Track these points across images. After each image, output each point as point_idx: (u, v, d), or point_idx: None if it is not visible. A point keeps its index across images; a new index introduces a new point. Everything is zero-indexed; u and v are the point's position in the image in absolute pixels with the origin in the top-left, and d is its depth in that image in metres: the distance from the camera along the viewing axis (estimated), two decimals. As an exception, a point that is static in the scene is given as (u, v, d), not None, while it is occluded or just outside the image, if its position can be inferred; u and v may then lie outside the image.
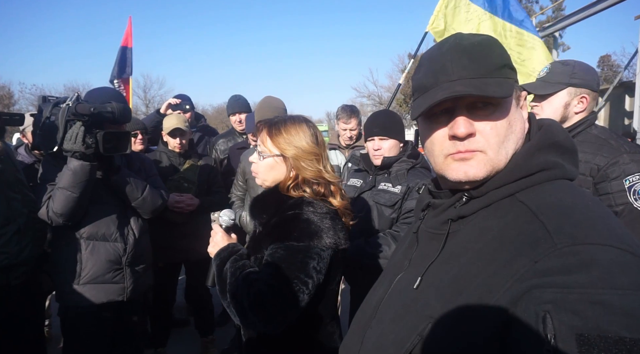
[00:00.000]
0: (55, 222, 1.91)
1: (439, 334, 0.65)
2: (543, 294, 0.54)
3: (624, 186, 1.50)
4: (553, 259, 0.56)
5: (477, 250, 0.66)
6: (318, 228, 1.23)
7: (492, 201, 0.71)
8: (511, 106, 0.73)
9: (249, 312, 1.17)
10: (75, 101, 1.79)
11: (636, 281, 0.52)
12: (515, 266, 0.59)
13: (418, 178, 2.03)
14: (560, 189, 0.68)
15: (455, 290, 0.66)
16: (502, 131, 0.71)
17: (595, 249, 0.55)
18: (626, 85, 11.89)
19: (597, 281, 0.52)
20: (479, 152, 0.71)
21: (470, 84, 0.69)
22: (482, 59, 0.71)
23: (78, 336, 2.04)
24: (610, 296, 0.51)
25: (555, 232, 0.58)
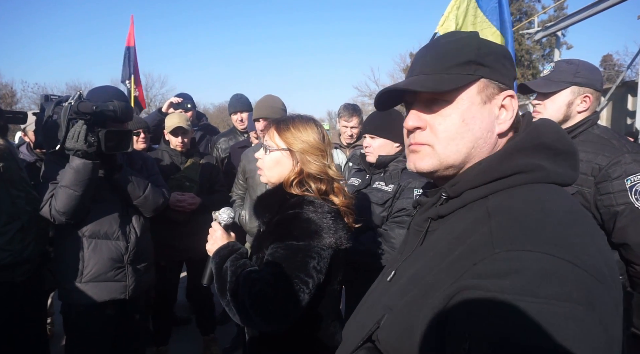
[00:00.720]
0: (58, 221, 1.92)
1: (391, 324, 0.69)
2: (470, 295, 0.55)
3: (625, 186, 1.50)
4: (488, 263, 0.57)
5: (439, 248, 0.68)
6: (318, 227, 1.23)
7: (467, 201, 0.71)
8: (470, 103, 0.72)
9: (251, 311, 1.17)
10: (78, 99, 1.79)
11: (561, 292, 0.51)
12: (457, 267, 0.61)
13: (411, 178, 2.03)
14: (530, 193, 0.65)
15: (412, 284, 0.69)
16: (452, 126, 0.72)
17: (528, 256, 0.54)
18: (629, 84, 11.84)
19: (520, 287, 0.52)
20: (427, 145, 0.74)
21: (416, 80, 0.73)
22: (445, 56, 0.73)
23: (80, 334, 2.04)
24: (528, 304, 0.50)
25: (497, 237, 0.59)
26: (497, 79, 0.73)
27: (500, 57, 0.74)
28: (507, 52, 0.76)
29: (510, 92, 0.73)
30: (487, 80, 0.72)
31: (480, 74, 0.72)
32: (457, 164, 0.73)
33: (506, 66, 0.74)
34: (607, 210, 1.53)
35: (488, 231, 0.61)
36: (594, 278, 0.53)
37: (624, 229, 1.49)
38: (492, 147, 0.74)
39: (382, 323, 0.70)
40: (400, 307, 0.68)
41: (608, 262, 0.57)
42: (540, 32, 13.17)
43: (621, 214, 1.49)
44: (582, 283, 0.52)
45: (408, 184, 2.01)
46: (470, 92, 0.72)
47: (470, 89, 0.72)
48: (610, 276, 0.56)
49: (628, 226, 1.48)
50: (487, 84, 0.72)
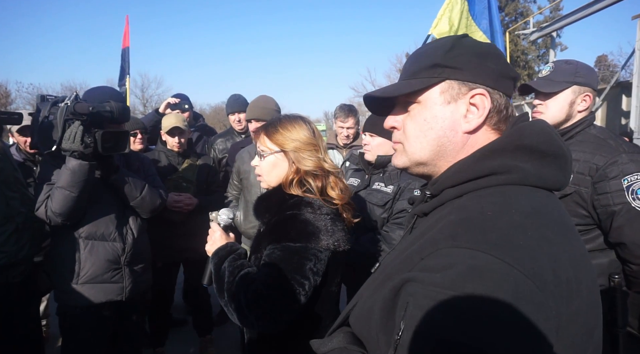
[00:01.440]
0: (54, 222, 1.90)
1: (359, 309, 0.74)
2: (409, 287, 0.58)
3: (622, 186, 1.51)
4: (431, 258, 0.60)
5: (408, 243, 0.72)
6: (316, 229, 1.23)
7: (445, 200, 0.73)
8: (432, 104, 0.75)
9: (247, 311, 1.18)
10: (74, 100, 1.78)
11: (487, 290, 0.51)
12: (411, 260, 0.64)
13: (411, 178, 2.02)
14: (497, 194, 0.65)
15: (379, 274, 0.75)
16: (416, 125, 0.77)
17: (464, 253, 0.56)
18: (623, 85, 11.92)
19: (448, 282, 0.53)
20: (399, 143, 0.81)
21: (391, 85, 0.80)
22: (417, 61, 0.78)
23: (77, 336, 2.03)
24: (452, 298, 0.52)
25: (445, 234, 0.61)
26: (466, 78, 0.73)
27: (477, 56, 0.74)
28: (489, 50, 0.76)
29: (479, 91, 0.73)
30: (452, 81, 0.74)
31: (445, 76, 0.74)
32: (424, 161, 0.78)
33: (484, 65, 0.74)
34: (604, 210, 1.54)
35: (440, 229, 0.64)
36: (530, 280, 0.52)
37: (620, 228, 1.50)
38: (462, 146, 0.75)
39: (353, 309, 0.76)
40: (367, 295, 0.73)
41: (559, 271, 0.56)
42: (535, 33, 13.25)
43: (618, 214, 1.50)
44: (513, 283, 0.52)
45: (408, 184, 2.01)
46: (433, 93, 0.75)
47: (433, 90, 0.75)
48: (556, 284, 0.55)
49: (624, 226, 1.49)
50: (452, 85, 0.74)
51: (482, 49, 0.76)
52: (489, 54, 0.75)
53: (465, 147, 0.74)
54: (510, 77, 0.76)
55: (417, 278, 0.58)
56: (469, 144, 0.74)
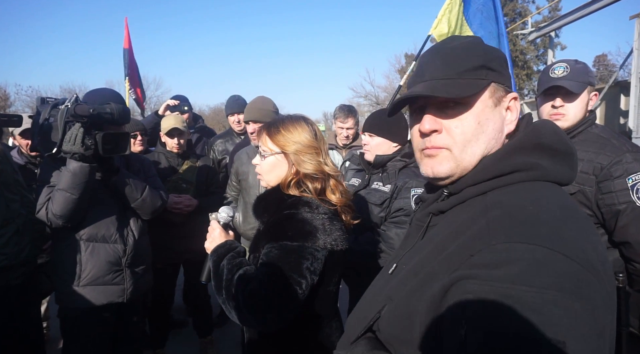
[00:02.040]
0: (55, 224, 1.90)
1: (391, 313, 0.72)
2: (467, 285, 0.58)
3: (627, 185, 1.51)
4: (484, 254, 0.59)
5: (438, 241, 0.71)
6: (313, 228, 1.24)
7: (467, 197, 0.73)
8: (484, 106, 0.74)
9: (244, 310, 1.18)
10: (74, 102, 1.78)
11: (553, 283, 0.53)
12: (455, 258, 0.63)
13: (408, 177, 2.03)
14: (528, 190, 0.68)
15: (411, 275, 0.72)
16: (468, 129, 0.73)
17: (523, 247, 0.57)
18: (621, 84, 11.95)
19: (513, 277, 0.54)
20: (444, 149, 0.75)
21: (429, 85, 0.74)
22: (455, 61, 0.75)
23: (77, 338, 2.02)
24: (520, 292, 0.53)
25: (494, 230, 0.62)
26: (503, 82, 0.76)
27: (502, 61, 0.77)
28: (505, 56, 0.79)
29: (515, 95, 0.77)
30: (496, 84, 0.75)
31: (491, 79, 0.75)
32: (471, 167, 0.75)
33: (507, 70, 0.78)
34: (608, 209, 1.54)
35: (485, 224, 0.64)
36: (586, 271, 0.55)
37: (625, 227, 1.50)
38: (500, 147, 0.77)
39: (382, 312, 0.73)
40: (401, 297, 0.71)
41: (601, 258, 0.59)
42: (534, 33, 13.28)
43: (623, 213, 1.50)
44: (575, 275, 0.54)
45: (405, 184, 2.01)
46: (484, 95, 0.74)
47: (484, 93, 0.75)
48: (603, 270, 0.58)
49: (629, 225, 1.49)
50: (497, 88, 0.76)
51: (503, 55, 0.79)
52: (505, 59, 0.78)
53: (500, 148, 0.76)
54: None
55: (474, 275, 0.58)
56: (503, 146, 0.77)
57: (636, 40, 10.05)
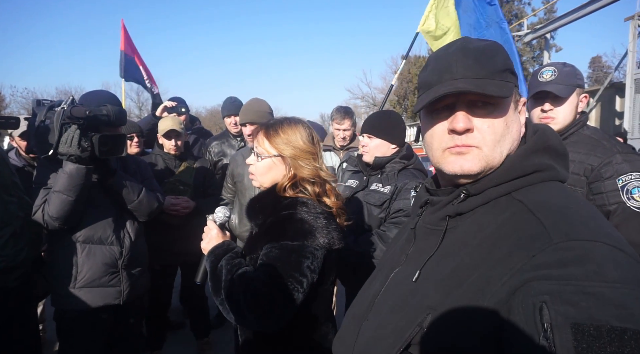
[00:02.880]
0: (51, 226, 1.90)
1: (439, 324, 0.67)
2: (540, 286, 0.57)
3: (617, 186, 1.52)
4: (549, 253, 0.59)
5: (476, 245, 0.70)
6: (312, 227, 1.24)
7: (490, 198, 0.74)
8: (509, 108, 0.77)
9: (246, 311, 1.18)
10: (70, 104, 1.78)
11: (626, 276, 0.55)
12: (513, 260, 0.62)
13: (408, 179, 2.04)
14: (553, 189, 0.73)
15: (455, 282, 0.68)
16: (498, 130, 0.75)
17: (589, 245, 0.59)
18: (617, 86, 12.04)
19: (591, 274, 0.55)
20: (475, 147, 0.75)
21: (472, 82, 0.73)
22: (486, 62, 0.75)
23: (74, 340, 2.02)
24: (602, 289, 0.54)
25: (552, 228, 0.62)
26: (517, 85, 0.79)
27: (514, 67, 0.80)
28: None
29: (525, 99, 0.81)
30: (516, 88, 0.78)
31: (514, 82, 0.77)
32: (495, 165, 0.76)
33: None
34: (599, 209, 1.55)
35: (537, 224, 0.64)
36: (637, 262, 0.59)
37: (616, 228, 1.52)
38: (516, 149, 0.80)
39: (424, 324, 0.69)
40: (447, 306, 0.67)
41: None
42: (529, 35, 13.35)
43: (613, 214, 1.52)
44: (635, 267, 0.58)
45: (405, 185, 2.02)
46: (510, 98, 0.77)
47: (512, 96, 0.77)
48: None
49: (620, 225, 1.51)
50: (516, 92, 0.79)
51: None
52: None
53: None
54: None
55: (544, 275, 0.57)
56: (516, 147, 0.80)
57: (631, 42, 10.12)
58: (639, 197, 1.50)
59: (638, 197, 1.50)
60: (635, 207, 1.50)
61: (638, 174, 1.52)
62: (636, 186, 1.51)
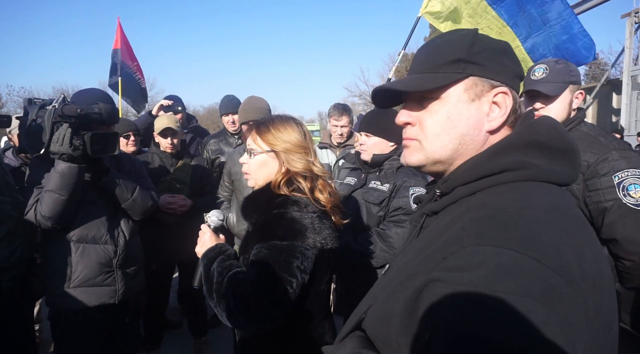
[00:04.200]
0: (44, 226, 1.88)
1: (374, 312, 0.72)
2: (435, 287, 0.57)
3: (613, 182, 1.52)
4: (456, 257, 0.58)
5: (424, 242, 0.70)
6: (302, 227, 1.24)
7: (458, 197, 0.72)
8: (455, 100, 0.73)
9: (235, 312, 1.18)
10: (62, 102, 1.76)
11: (518, 287, 0.51)
12: (432, 260, 0.63)
13: (406, 177, 2.03)
14: (516, 191, 0.66)
15: (396, 275, 0.72)
16: (437, 123, 0.74)
17: (491, 250, 0.55)
18: (613, 83, 12.08)
19: (479, 280, 0.53)
20: (415, 140, 0.77)
21: (408, 78, 0.77)
22: (436, 54, 0.75)
23: (69, 340, 2.01)
24: (485, 297, 0.51)
25: (468, 232, 0.60)
26: (489, 76, 0.73)
27: (496, 54, 0.74)
28: (506, 48, 0.75)
29: (503, 89, 0.73)
30: (476, 78, 0.73)
31: (469, 72, 0.72)
32: (444, 160, 0.75)
33: (503, 63, 0.73)
34: (595, 206, 1.55)
35: (461, 226, 0.62)
36: (559, 276, 0.52)
37: (612, 224, 1.51)
38: (482, 145, 0.74)
39: (368, 312, 0.74)
40: (384, 297, 0.71)
41: (584, 263, 0.56)
42: (527, 32, 13.30)
43: (609, 210, 1.51)
44: (543, 280, 0.52)
45: (404, 183, 2.02)
46: (457, 89, 0.73)
47: (457, 87, 0.73)
48: (583, 277, 0.55)
49: (616, 222, 1.50)
50: (476, 82, 0.73)
51: (500, 46, 0.75)
52: (506, 51, 0.75)
53: (485, 146, 0.74)
54: (520, 76, 0.76)
55: (442, 278, 0.57)
56: (488, 143, 0.74)
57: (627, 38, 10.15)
58: (635, 194, 1.50)
59: (634, 194, 1.50)
60: (631, 204, 1.49)
61: (634, 171, 1.52)
62: (632, 183, 1.50)
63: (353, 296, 2.25)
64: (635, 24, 10.17)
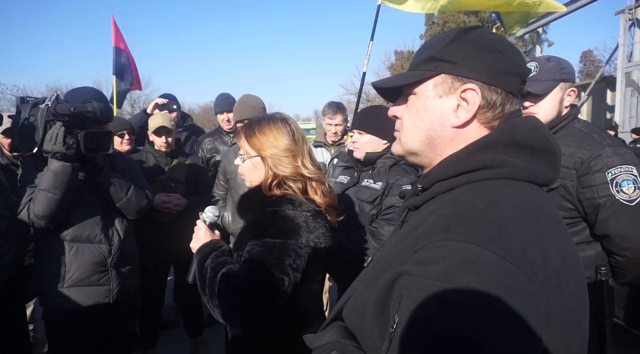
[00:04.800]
0: (37, 225, 1.87)
1: (351, 303, 0.75)
2: (403, 280, 0.59)
3: (607, 179, 1.52)
4: (424, 251, 0.60)
5: (401, 236, 0.73)
6: (296, 225, 1.24)
7: (437, 193, 0.74)
8: (425, 96, 0.77)
9: (226, 307, 1.18)
10: (55, 101, 1.74)
11: (480, 282, 0.52)
12: (404, 253, 0.64)
13: (399, 175, 2.03)
14: (490, 188, 0.67)
15: (372, 268, 0.75)
16: (410, 117, 0.79)
17: (456, 245, 0.56)
18: (608, 79, 12.12)
19: (441, 274, 0.54)
20: (397, 132, 0.83)
21: (394, 76, 0.83)
22: (419, 53, 0.81)
23: (64, 341, 2.00)
24: (446, 291, 0.53)
25: (438, 227, 0.62)
26: (461, 73, 0.73)
27: (475, 51, 0.73)
28: (492, 45, 0.74)
29: (471, 86, 0.72)
30: (447, 75, 0.74)
31: (440, 70, 0.75)
32: (416, 151, 0.80)
33: (481, 60, 0.72)
34: (589, 203, 1.55)
35: (432, 221, 0.64)
36: (521, 272, 0.54)
37: (605, 220, 1.52)
38: (450, 140, 0.75)
39: (346, 303, 0.77)
40: (360, 289, 0.74)
41: (549, 261, 0.58)
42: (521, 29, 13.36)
43: (603, 206, 1.52)
44: (505, 275, 0.53)
45: (396, 181, 2.01)
46: (427, 86, 0.77)
47: (427, 83, 0.77)
48: (546, 275, 0.56)
49: (609, 218, 1.51)
50: (445, 79, 0.75)
51: (484, 44, 0.74)
52: (489, 48, 0.74)
53: (455, 141, 0.75)
54: (513, 73, 0.74)
55: (410, 271, 0.58)
56: (458, 139, 0.75)
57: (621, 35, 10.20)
58: (628, 190, 1.50)
59: (627, 190, 1.50)
60: (624, 200, 1.50)
61: (627, 167, 1.52)
62: (625, 179, 1.51)
63: (343, 292, 2.26)
64: (629, 20, 10.21)
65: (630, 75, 10.18)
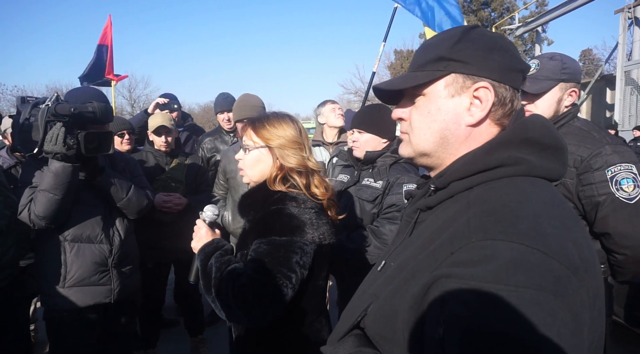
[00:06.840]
0: (38, 225, 1.87)
1: (376, 310, 0.73)
2: (446, 283, 0.58)
3: (606, 177, 1.52)
4: (464, 251, 0.59)
5: (424, 238, 0.71)
6: (301, 222, 1.24)
7: (454, 192, 0.73)
8: (436, 96, 0.76)
9: (234, 306, 1.18)
10: (55, 101, 1.74)
11: (530, 280, 0.52)
12: (438, 256, 0.63)
13: (399, 173, 2.03)
14: (512, 186, 0.67)
15: (397, 272, 0.72)
16: (421, 118, 0.78)
17: (501, 245, 0.56)
18: (607, 78, 12.13)
19: (491, 275, 0.54)
20: (406, 134, 0.82)
21: (397, 77, 0.82)
22: (424, 53, 0.79)
23: (65, 340, 2.00)
24: (498, 291, 0.52)
25: (474, 227, 0.61)
26: (472, 72, 0.74)
27: (483, 49, 0.74)
28: (497, 43, 0.75)
29: (483, 84, 0.73)
30: (458, 74, 0.75)
31: (450, 70, 0.75)
32: (428, 152, 0.79)
33: (490, 58, 0.73)
34: (588, 201, 1.56)
35: (466, 221, 0.63)
36: (565, 267, 0.55)
37: (605, 218, 1.52)
38: (465, 138, 0.76)
39: (368, 310, 0.74)
40: (385, 294, 0.71)
41: (582, 254, 0.59)
42: (521, 28, 13.38)
43: (602, 204, 1.52)
44: (552, 272, 0.54)
45: (397, 179, 2.01)
46: (438, 86, 0.76)
47: (438, 83, 0.76)
48: (584, 267, 0.57)
49: (609, 216, 1.51)
50: (457, 78, 0.75)
51: (490, 42, 0.75)
52: (495, 46, 0.75)
53: (468, 140, 0.75)
54: (517, 70, 0.75)
55: (453, 273, 0.57)
56: (471, 137, 0.75)
57: (621, 34, 10.20)
58: (627, 188, 1.50)
59: (627, 188, 1.50)
60: (624, 198, 1.50)
61: (627, 165, 1.52)
62: (625, 177, 1.51)
63: (346, 293, 2.26)
64: (628, 19, 10.22)
65: (630, 73, 10.19)
